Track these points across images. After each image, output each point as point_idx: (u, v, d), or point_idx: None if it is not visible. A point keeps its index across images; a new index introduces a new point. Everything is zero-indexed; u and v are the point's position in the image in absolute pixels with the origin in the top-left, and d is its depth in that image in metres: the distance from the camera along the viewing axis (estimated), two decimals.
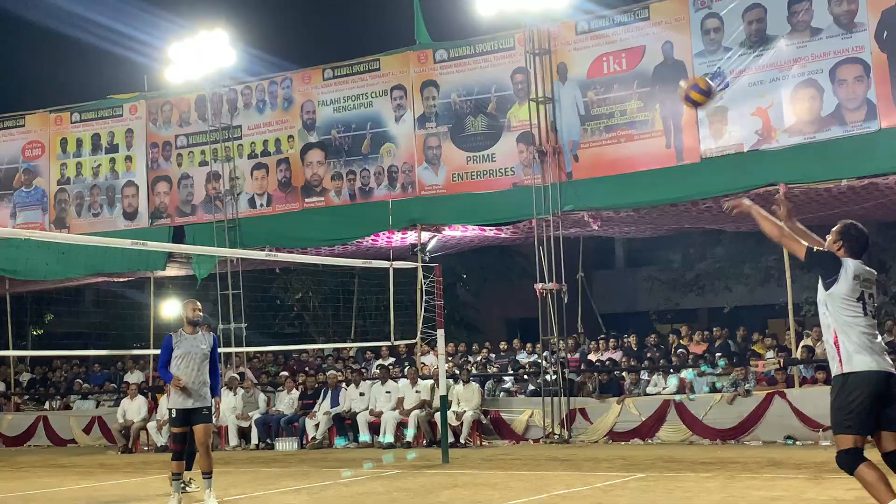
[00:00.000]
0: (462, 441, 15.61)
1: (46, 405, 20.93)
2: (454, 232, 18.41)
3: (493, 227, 17.99)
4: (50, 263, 19.98)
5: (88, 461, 16.33)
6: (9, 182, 21.18)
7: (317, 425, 16.96)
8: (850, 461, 5.90)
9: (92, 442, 19.53)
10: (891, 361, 6.04)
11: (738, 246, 22.60)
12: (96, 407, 20.35)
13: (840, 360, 6.01)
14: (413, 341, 16.88)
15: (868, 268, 6.23)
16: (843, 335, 6.02)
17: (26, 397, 21.62)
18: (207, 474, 9.70)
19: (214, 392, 10.00)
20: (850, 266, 6.08)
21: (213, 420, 10.18)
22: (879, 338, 6.14)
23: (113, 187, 20.38)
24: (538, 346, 17.40)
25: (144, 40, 21.30)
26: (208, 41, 19.08)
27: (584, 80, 16.48)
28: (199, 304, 10.13)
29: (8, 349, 21.33)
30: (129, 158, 20.34)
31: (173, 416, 9.86)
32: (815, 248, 6.22)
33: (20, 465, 16.10)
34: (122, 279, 22.01)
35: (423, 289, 16.05)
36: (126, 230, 19.66)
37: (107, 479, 13.15)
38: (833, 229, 6.31)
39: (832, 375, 6.11)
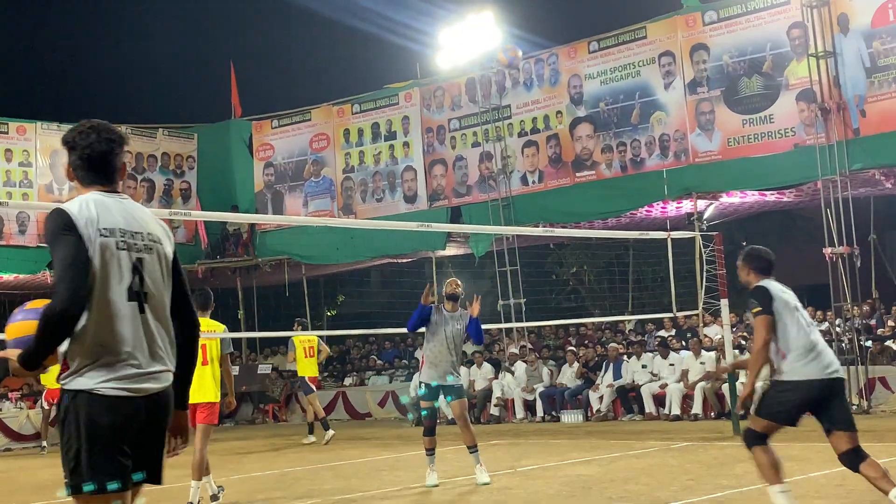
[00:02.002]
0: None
1: (346, 381, 22.30)
2: (732, 199, 17.89)
3: (775, 192, 17.32)
4: (340, 248, 21.31)
5: (386, 433, 17.30)
6: (299, 174, 22.69)
7: (601, 398, 17.08)
8: (755, 439, 6.49)
9: (386, 415, 20.61)
10: (834, 364, 6.44)
11: None
12: (389, 382, 21.48)
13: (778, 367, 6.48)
14: (695, 312, 16.59)
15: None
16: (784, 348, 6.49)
17: (325, 374, 23.12)
18: (472, 448, 9.66)
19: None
20: (771, 287, 6.60)
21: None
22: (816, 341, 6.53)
23: (393, 173, 21.35)
24: (829, 313, 16.60)
25: (416, 27, 22.10)
26: (476, 24, 19.53)
27: (868, 30, 15.51)
28: (459, 281, 10.16)
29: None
30: (406, 144, 21.24)
31: (422, 390, 9.93)
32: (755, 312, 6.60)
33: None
34: (404, 260, 23.03)
35: (704, 258, 15.70)
36: (407, 213, 20.56)
37: (406, 451, 13.89)
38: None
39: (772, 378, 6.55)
